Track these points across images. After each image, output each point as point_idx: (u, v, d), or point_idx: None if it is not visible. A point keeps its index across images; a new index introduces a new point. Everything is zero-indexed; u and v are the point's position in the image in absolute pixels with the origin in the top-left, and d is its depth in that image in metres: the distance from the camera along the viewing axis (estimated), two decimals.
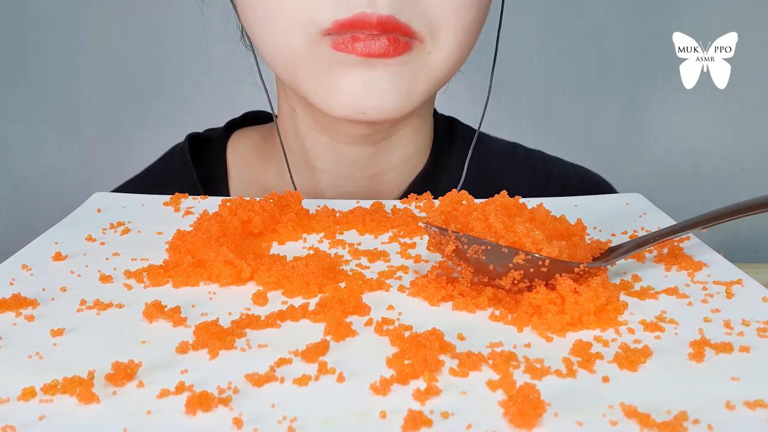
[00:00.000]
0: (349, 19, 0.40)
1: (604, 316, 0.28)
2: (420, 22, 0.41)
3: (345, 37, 0.40)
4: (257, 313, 0.29)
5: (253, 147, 0.56)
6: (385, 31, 0.40)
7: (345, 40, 0.40)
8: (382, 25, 0.39)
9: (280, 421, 0.22)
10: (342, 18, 0.40)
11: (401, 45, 0.41)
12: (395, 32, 0.40)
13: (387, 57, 0.41)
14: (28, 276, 0.34)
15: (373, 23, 0.39)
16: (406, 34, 0.41)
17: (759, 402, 0.23)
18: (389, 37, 0.40)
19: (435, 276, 0.32)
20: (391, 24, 0.40)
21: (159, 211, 0.43)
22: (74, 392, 0.23)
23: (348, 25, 0.40)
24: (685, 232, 0.34)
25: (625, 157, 1.07)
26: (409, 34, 0.41)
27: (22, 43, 1.05)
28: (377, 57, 0.41)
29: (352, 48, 0.40)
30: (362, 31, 0.40)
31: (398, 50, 0.41)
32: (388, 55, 0.41)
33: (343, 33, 0.40)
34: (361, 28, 0.40)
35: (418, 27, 0.41)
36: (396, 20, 0.40)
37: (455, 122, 0.58)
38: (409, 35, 0.41)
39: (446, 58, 0.43)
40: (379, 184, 0.52)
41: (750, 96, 1.04)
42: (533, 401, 0.22)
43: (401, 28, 0.40)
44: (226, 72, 1.02)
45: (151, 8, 1.03)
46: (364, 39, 0.40)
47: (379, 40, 0.40)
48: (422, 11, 0.41)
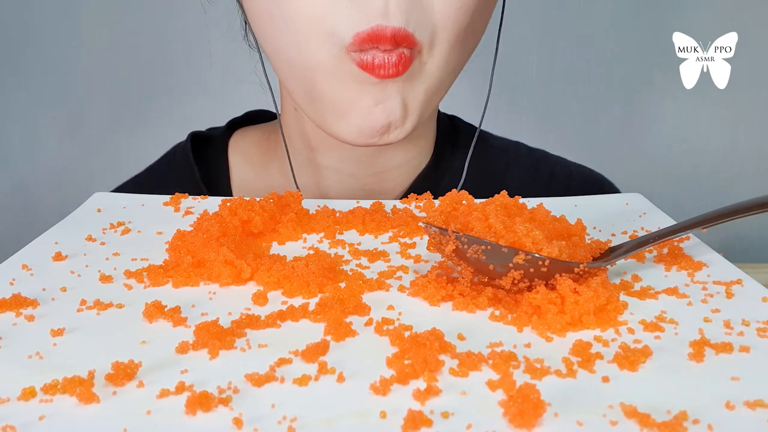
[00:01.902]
0: (367, 33, 0.40)
1: (604, 316, 0.28)
2: (423, 31, 0.41)
3: (368, 56, 0.40)
4: (257, 313, 0.29)
5: (256, 145, 0.56)
6: (397, 44, 0.40)
7: (369, 63, 0.40)
8: (395, 39, 0.40)
9: (280, 421, 0.22)
10: (361, 31, 0.40)
11: (404, 59, 0.41)
12: (404, 45, 0.40)
13: (398, 76, 0.41)
14: (28, 276, 0.34)
15: (388, 37, 0.40)
16: (411, 45, 0.41)
17: (759, 402, 0.23)
18: (398, 54, 0.40)
19: (435, 276, 0.32)
20: (401, 36, 0.40)
21: (159, 211, 0.43)
22: (74, 392, 0.23)
23: (367, 39, 0.40)
24: (685, 232, 0.34)
25: (625, 157, 1.07)
26: (413, 45, 0.41)
27: (22, 42, 1.05)
28: (390, 77, 0.41)
29: (373, 69, 0.41)
30: (377, 45, 0.40)
31: (405, 66, 0.41)
32: (398, 74, 0.41)
33: (365, 50, 0.40)
34: (378, 42, 0.40)
35: (421, 37, 0.41)
36: (406, 32, 0.40)
37: (457, 121, 0.58)
38: (412, 46, 0.41)
39: (441, 66, 0.43)
40: (382, 181, 0.52)
41: (750, 96, 1.04)
42: (533, 401, 0.22)
43: (409, 39, 0.40)
44: (226, 71, 1.02)
45: (151, 8, 1.03)
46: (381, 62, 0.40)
47: (390, 56, 0.40)
48: (425, 19, 0.41)
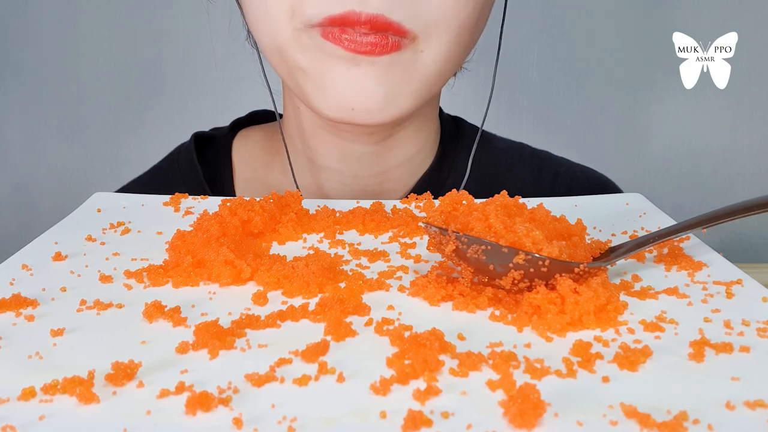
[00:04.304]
0: (339, 16, 0.40)
1: (604, 316, 0.28)
2: (414, 20, 0.41)
3: (334, 29, 0.41)
4: (257, 313, 0.29)
5: (259, 146, 0.56)
6: (374, 29, 0.40)
7: (334, 31, 0.41)
8: (371, 23, 0.40)
9: (280, 421, 0.22)
10: (333, 14, 0.40)
11: (389, 44, 0.41)
12: (386, 31, 0.40)
13: (373, 55, 0.41)
14: (28, 276, 0.34)
15: (362, 21, 0.40)
16: (398, 32, 0.41)
17: (759, 402, 0.23)
18: (378, 35, 0.40)
19: (435, 276, 0.32)
20: (380, 23, 0.40)
21: (159, 211, 0.43)
22: (74, 392, 0.23)
23: (338, 20, 0.40)
24: (685, 232, 0.34)
25: (625, 157, 1.07)
26: (401, 33, 0.41)
27: (22, 43, 1.05)
28: (363, 54, 0.41)
29: (340, 40, 0.41)
30: (351, 27, 0.40)
31: (385, 49, 0.41)
32: (374, 53, 0.41)
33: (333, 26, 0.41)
34: (350, 25, 0.40)
35: (412, 25, 0.41)
36: (386, 19, 0.40)
37: (461, 122, 0.58)
38: (400, 34, 0.41)
39: (439, 57, 0.43)
40: (384, 182, 0.52)
41: (750, 96, 1.04)
42: (533, 401, 0.22)
43: (392, 27, 0.40)
44: (227, 72, 1.02)
45: (151, 8, 1.03)
46: (351, 34, 0.40)
47: (366, 38, 0.40)
48: (417, 9, 0.41)
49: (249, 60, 0.53)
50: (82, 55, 1.06)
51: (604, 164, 0.60)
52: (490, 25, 0.47)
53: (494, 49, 0.51)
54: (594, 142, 1.06)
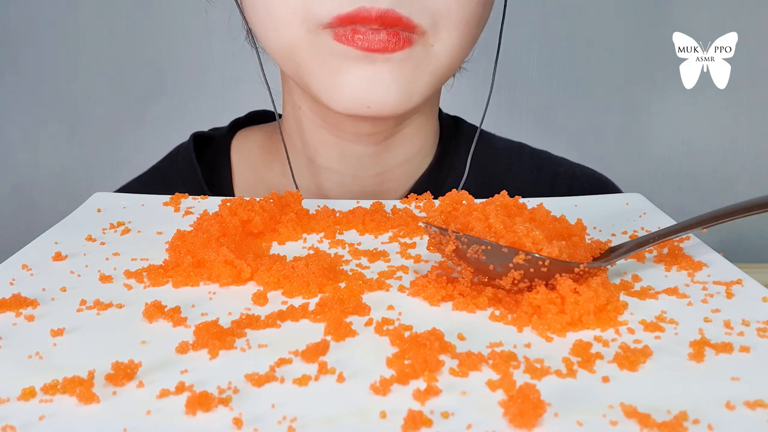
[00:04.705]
0: (348, 14, 0.40)
1: (604, 316, 0.28)
2: (421, 14, 0.41)
3: (346, 29, 0.41)
4: (257, 313, 0.29)
5: (258, 146, 0.56)
6: (385, 25, 0.40)
7: (346, 33, 0.41)
8: (382, 19, 0.40)
9: (280, 421, 0.22)
10: (342, 13, 0.40)
11: (402, 40, 0.41)
12: (396, 26, 0.40)
13: (387, 52, 0.41)
14: (28, 276, 0.34)
15: (372, 17, 0.40)
16: (407, 27, 0.41)
17: (759, 402, 0.23)
18: (389, 32, 0.40)
19: (435, 276, 0.32)
20: (390, 18, 0.40)
21: (159, 211, 0.43)
22: (74, 392, 0.23)
23: (347, 19, 0.40)
24: (685, 232, 0.34)
25: (625, 157, 1.07)
26: (410, 28, 0.41)
27: (22, 42, 1.05)
28: (377, 52, 0.41)
29: (352, 40, 0.41)
30: (362, 25, 0.40)
31: (399, 45, 0.41)
32: (388, 50, 0.41)
33: (344, 26, 0.41)
34: (360, 23, 0.40)
35: (420, 20, 0.41)
36: (396, 14, 0.40)
37: (460, 121, 0.58)
38: (410, 29, 0.41)
39: (449, 50, 0.43)
40: (384, 182, 0.52)
41: (750, 96, 1.04)
42: (533, 401, 0.22)
43: (402, 22, 0.40)
44: (226, 72, 1.02)
45: (151, 8, 1.03)
46: (364, 33, 0.40)
47: (379, 35, 0.40)
48: (424, 4, 0.41)
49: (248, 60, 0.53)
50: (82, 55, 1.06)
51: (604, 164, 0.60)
52: (490, 25, 0.47)
53: (494, 48, 0.51)
54: (594, 142, 1.06)
